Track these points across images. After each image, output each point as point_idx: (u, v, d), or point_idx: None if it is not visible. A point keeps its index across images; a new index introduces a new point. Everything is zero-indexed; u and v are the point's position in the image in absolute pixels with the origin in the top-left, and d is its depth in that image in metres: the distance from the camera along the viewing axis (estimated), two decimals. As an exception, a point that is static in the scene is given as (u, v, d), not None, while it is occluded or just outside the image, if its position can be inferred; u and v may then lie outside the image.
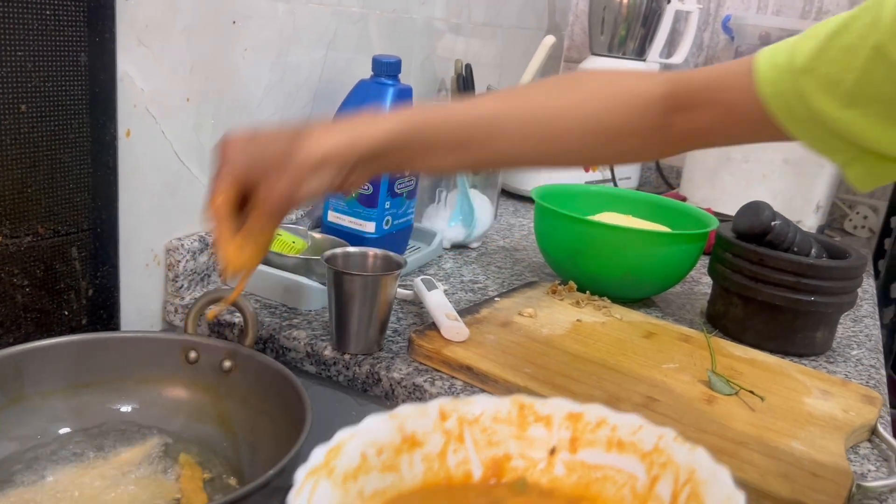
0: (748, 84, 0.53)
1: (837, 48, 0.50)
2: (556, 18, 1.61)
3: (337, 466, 0.38)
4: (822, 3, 1.45)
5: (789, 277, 0.82)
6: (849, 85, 0.49)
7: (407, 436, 0.42)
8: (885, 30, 0.47)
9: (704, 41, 1.55)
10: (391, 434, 0.41)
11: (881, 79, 0.47)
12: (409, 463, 0.42)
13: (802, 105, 0.51)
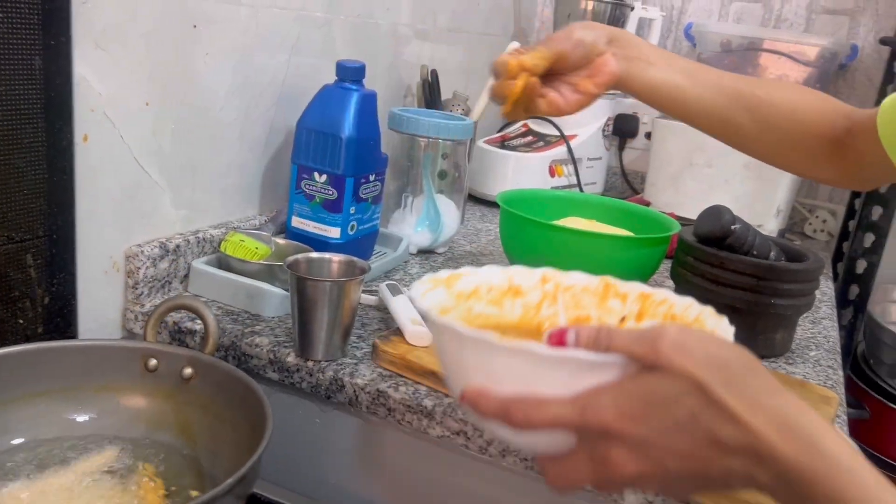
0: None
1: None
2: (521, 24, 1.62)
3: (455, 285, 0.54)
4: (782, 12, 1.48)
5: (749, 280, 0.84)
6: None
7: (514, 286, 0.56)
8: None
9: (668, 47, 1.58)
10: (502, 281, 0.56)
11: None
12: (511, 305, 0.56)
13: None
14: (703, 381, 0.39)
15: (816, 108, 0.72)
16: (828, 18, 1.45)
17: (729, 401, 0.39)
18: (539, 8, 1.67)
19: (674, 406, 0.40)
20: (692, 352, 0.40)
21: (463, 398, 0.45)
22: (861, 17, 1.43)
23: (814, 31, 1.46)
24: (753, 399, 0.39)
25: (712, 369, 0.40)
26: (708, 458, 0.40)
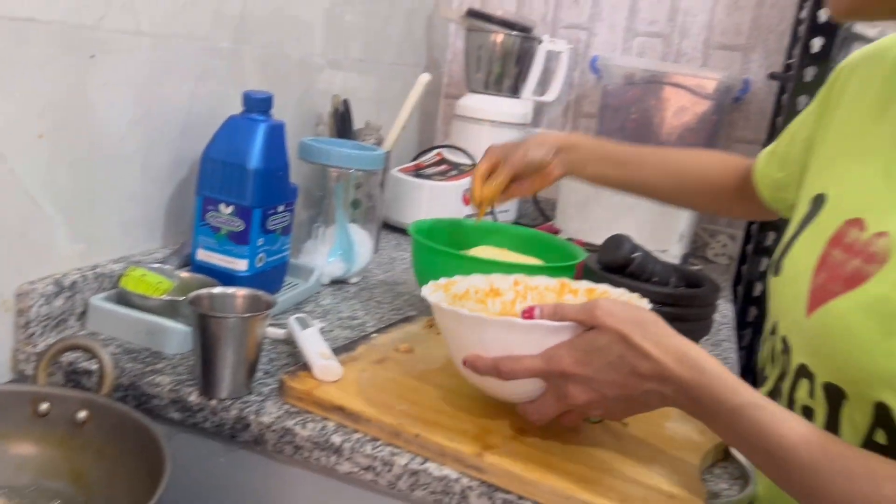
0: None
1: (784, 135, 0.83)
2: (434, 55, 1.65)
3: (451, 289, 0.76)
4: (681, 47, 1.56)
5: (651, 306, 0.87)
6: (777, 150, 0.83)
7: (494, 288, 0.78)
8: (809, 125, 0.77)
9: (575, 80, 1.63)
10: (484, 285, 0.78)
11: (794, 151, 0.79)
12: (492, 302, 0.77)
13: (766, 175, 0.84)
14: (625, 333, 0.59)
15: (721, 167, 0.92)
16: (723, 54, 1.54)
17: (643, 344, 0.58)
18: (451, 39, 1.70)
19: (607, 351, 0.60)
20: (617, 314, 0.60)
21: (465, 363, 0.66)
22: (752, 54, 1.52)
23: (710, 66, 1.54)
24: (659, 342, 0.58)
25: (631, 324, 0.59)
26: (633, 385, 0.59)
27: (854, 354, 0.55)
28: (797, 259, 0.65)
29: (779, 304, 0.67)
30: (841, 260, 0.59)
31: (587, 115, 1.64)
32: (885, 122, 0.63)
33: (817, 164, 0.71)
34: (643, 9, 1.56)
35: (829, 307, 0.57)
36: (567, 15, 1.61)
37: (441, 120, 1.74)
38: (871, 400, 0.54)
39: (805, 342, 0.61)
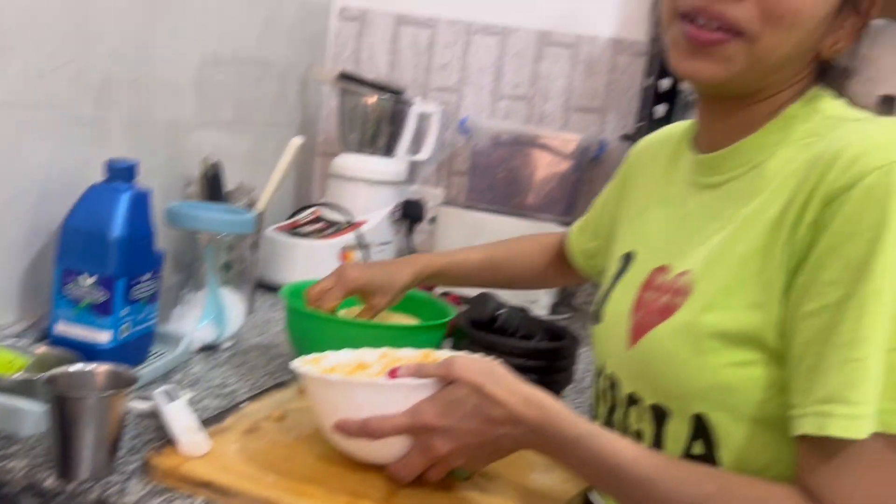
0: None
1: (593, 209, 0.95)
2: (309, 115, 1.67)
3: (320, 363, 0.77)
4: (544, 110, 1.66)
5: (516, 361, 0.90)
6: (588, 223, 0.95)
7: (362, 362, 0.78)
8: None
9: (447, 139, 1.70)
10: (352, 359, 0.79)
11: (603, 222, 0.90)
12: (360, 374, 0.76)
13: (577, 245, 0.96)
14: (479, 383, 0.65)
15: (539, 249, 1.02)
16: (581, 116, 1.65)
17: (495, 392, 0.64)
18: (325, 99, 1.73)
19: (465, 402, 0.65)
20: (472, 368, 0.66)
21: (335, 427, 0.69)
22: (608, 116, 1.64)
23: (570, 128, 1.65)
24: (508, 389, 0.64)
25: (484, 375, 0.65)
26: (489, 431, 0.64)
27: (673, 373, 0.63)
28: (615, 306, 0.73)
29: (603, 347, 0.75)
30: (653, 298, 0.68)
31: (459, 172, 1.70)
32: (673, 184, 0.75)
33: (623, 228, 0.82)
34: (507, 73, 1.66)
35: (648, 337, 0.66)
36: (437, 78, 1.68)
37: (317, 178, 1.76)
38: (689, 413, 0.62)
39: (630, 372, 0.69)
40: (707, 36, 0.60)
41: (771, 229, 0.59)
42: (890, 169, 0.53)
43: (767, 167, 0.63)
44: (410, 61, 1.69)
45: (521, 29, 1.64)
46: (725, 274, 0.61)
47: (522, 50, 1.64)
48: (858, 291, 0.53)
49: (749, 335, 0.59)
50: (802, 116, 0.64)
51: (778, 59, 0.61)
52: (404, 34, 1.68)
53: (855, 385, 0.52)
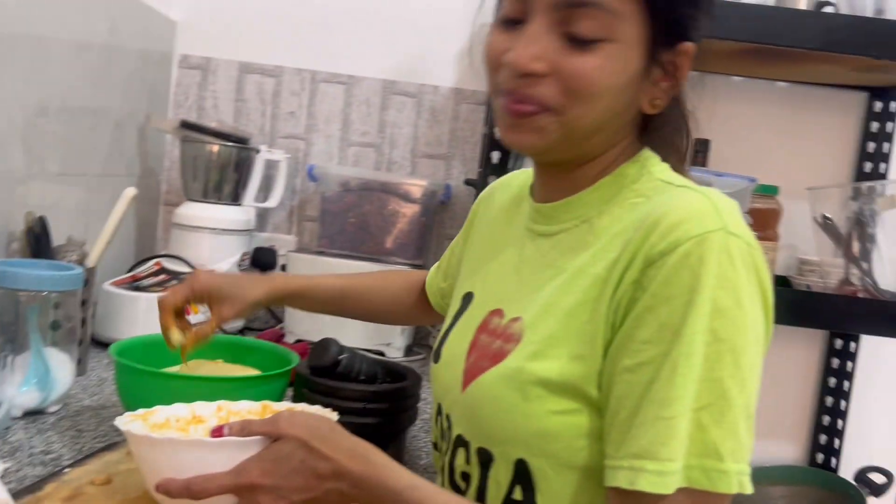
0: None
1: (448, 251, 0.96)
2: (149, 164, 1.63)
3: (150, 418, 0.75)
4: (391, 156, 1.70)
5: (358, 405, 0.92)
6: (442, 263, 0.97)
7: (196, 415, 0.77)
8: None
9: (297, 186, 1.70)
10: (186, 413, 0.77)
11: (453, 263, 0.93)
12: (194, 430, 0.75)
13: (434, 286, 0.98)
14: (304, 439, 0.64)
15: (406, 286, 1.02)
16: (428, 162, 1.71)
17: (321, 447, 0.64)
18: (168, 148, 1.69)
19: (291, 458, 0.64)
20: (298, 423, 0.66)
21: (157, 488, 0.66)
22: (453, 161, 1.70)
23: (418, 173, 1.70)
24: (334, 444, 0.65)
25: (309, 430, 0.65)
26: (315, 486, 0.64)
27: (499, 418, 0.66)
28: (453, 346, 0.76)
29: (441, 387, 0.77)
30: (487, 342, 0.71)
31: (310, 219, 1.71)
32: (512, 228, 0.79)
33: (465, 269, 0.85)
34: (355, 121, 1.69)
35: (478, 381, 0.69)
36: (284, 126, 1.69)
37: (161, 228, 1.70)
38: (512, 459, 0.65)
39: (461, 414, 0.71)
40: (521, 108, 0.65)
41: (597, 284, 0.63)
42: (703, 239, 0.57)
43: (597, 223, 0.67)
44: (257, 109, 1.69)
45: (367, 78, 1.68)
46: (553, 325, 0.64)
47: (369, 98, 1.69)
48: (672, 353, 0.56)
49: (572, 385, 0.62)
50: (633, 176, 0.68)
51: (588, 126, 0.65)
52: (249, 82, 1.68)
53: (664, 443, 0.56)
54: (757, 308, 0.59)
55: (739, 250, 0.58)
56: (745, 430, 0.57)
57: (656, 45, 0.65)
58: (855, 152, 1.68)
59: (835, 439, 1.70)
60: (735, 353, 0.57)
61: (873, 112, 1.66)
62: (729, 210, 0.61)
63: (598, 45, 0.62)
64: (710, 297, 0.56)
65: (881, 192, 1.47)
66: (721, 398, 0.56)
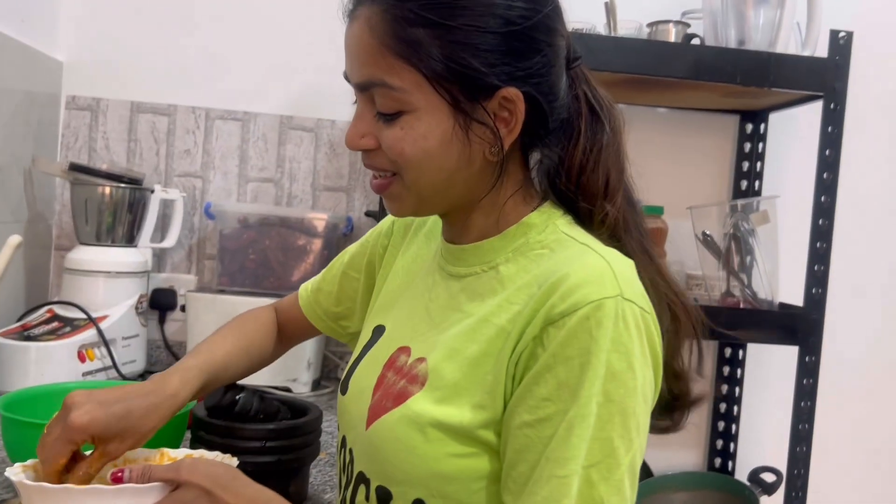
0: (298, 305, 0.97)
1: (329, 275, 0.95)
2: (38, 209, 1.57)
3: (41, 469, 0.71)
4: (292, 190, 1.71)
5: (256, 444, 0.92)
6: (330, 288, 0.94)
7: None
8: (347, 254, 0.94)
9: (195, 224, 1.68)
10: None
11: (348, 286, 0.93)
12: None
13: (318, 309, 0.95)
14: (206, 487, 0.64)
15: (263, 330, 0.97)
16: (329, 195, 1.72)
17: (222, 496, 0.64)
18: (58, 191, 1.64)
19: None
20: (200, 470, 0.66)
21: None
22: (354, 193, 1.72)
23: (319, 207, 1.71)
24: (235, 492, 0.65)
25: (211, 478, 0.65)
26: None
27: (399, 458, 0.67)
28: (360, 380, 0.77)
29: (346, 421, 0.78)
30: (393, 381, 0.72)
31: (209, 256, 1.69)
32: (425, 263, 0.81)
33: (381, 301, 0.85)
34: (252, 157, 1.69)
35: (382, 421, 0.69)
36: (180, 164, 1.67)
37: (53, 273, 1.65)
38: (410, 498, 0.67)
39: (363, 452, 0.72)
40: (376, 184, 0.72)
41: (501, 336, 0.65)
42: (600, 304, 0.60)
43: (504, 270, 0.70)
44: (150, 148, 1.66)
45: (263, 114, 1.69)
46: (456, 372, 0.66)
47: (265, 134, 1.69)
48: (569, 412, 0.60)
49: (472, 432, 0.65)
50: (538, 227, 0.70)
51: (429, 186, 0.69)
52: (141, 121, 1.66)
53: (558, 500, 0.59)
54: (647, 370, 0.63)
55: (633, 316, 0.62)
56: (630, 486, 0.61)
57: (461, 103, 0.65)
58: (731, 171, 1.80)
59: (730, 443, 1.79)
60: (624, 415, 0.60)
61: (745, 133, 1.78)
62: (626, 275, 0.64)
63: (400, 117, 0.66)
64: (605, 360, 0.60)
65: (755, 209, 1.58)
66: (609, 457, 0.60)
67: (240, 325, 0.96)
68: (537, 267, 0.67)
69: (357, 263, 0.92)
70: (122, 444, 0.73)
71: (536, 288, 0.64)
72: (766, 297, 1.54)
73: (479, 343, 0.66)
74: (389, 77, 0.65)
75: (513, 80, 0.66)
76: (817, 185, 1.48)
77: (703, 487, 1.73)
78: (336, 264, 0.95)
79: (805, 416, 1.47)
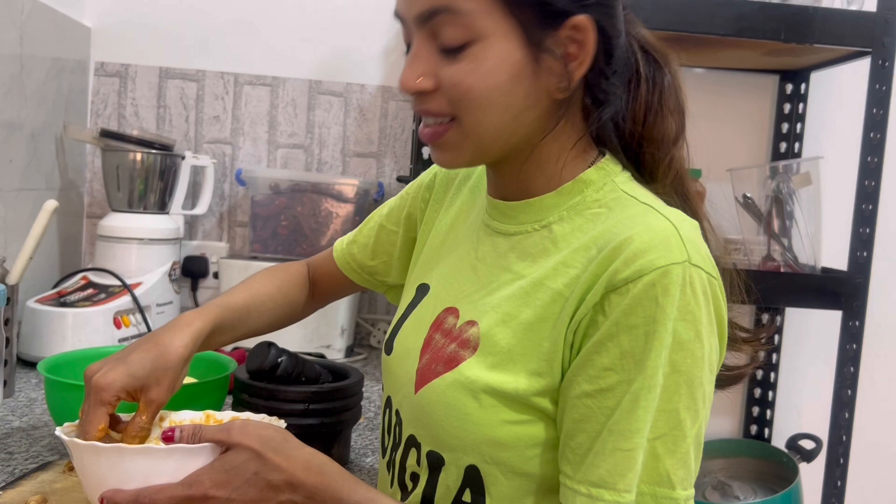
0: (332, 259, 0.93)
1: (366, 228, 0.91)
2: (70, 176, 1.57)
3: None
4: (321, 156, 1.69)
5: (299, 406, 0.91)
6: (366, 241, 0.90)
7: None
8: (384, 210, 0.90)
9: (226, 191, 1.67)
10: None
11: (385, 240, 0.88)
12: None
13: (353, 262, 0.91)
14: (258, 450, 0.63)
15: (293, 280, 0.93)
16: (359, 161, 1.70)
17: (275, 458, 0.63)
18: (89, 159, 1.64)
19: (244, 469, 0.63)
20: (250, 433, 0.64)
21: (102, 501, 0.63)
22: (384, 159, 1.70)
23: (349, 172, 1.69)
24: (287, 455, 0.63)
25: (262, 441, 0.63)
26: (269, 497, 0.62)
27: (452, 425, 0.65)
28: (405, 341, 0.74)
29: (392, 382, 0.76)
30: (442, 343, 0.69)
31: (240, 224, 1.68)
32: (470, 219, 0.77)
33: (424, 258, 0.82)
34: (282, 123, 1.67)
35: (432, 385, 0.67)
36: (209, 131, 1.66)
37: (86, 241, 1.65)
38: (463, 465, 0.65)
39: (413, 416, 0.70)
40: (429, 132, 0.66)
41: (558, 301, 0.62)
42: (668, 270, 0.57)
43: (557, 230, 0.66)
44: (180, 115, 1.65)
45: (292, 79, 1.66)
46: (511, 338, 0.63)
47: (295, 99, 1.67)
48: (634, 383, 0.57)
49: (527, 399, 0.62)
50: (596, 184, 0.66)
51: (491, 129, 0.64)
52: (170, 87, 1.64)
53: (622, 474, 0.57)
54: (714, 338, 0.60)
55: (701, 283, 0.58)
56: (695, 458, 0.59)
57: (532, 31, 0.62)
58: (770, 133, 1.76)
59: (767, 410, 1.77)
60: (691, 385, 0.58)
61: (785, 94, 1.73)
62: (692, 238, 0.60)
63: (467, 50, 0.61)
64: (672, 329, 0.57)
65: (796, 171, 1.54)
66: (676, 428, 0.58)
67: (268, 274, 0.93)
68: (594, 228, 0.64)
69: (395, 217, 0.88)
70: (159, 387, 0.72)
71: (596, 251, 0.61)
72: (808, 262, 1.50)
73: (533, 308, 0.63)
74: (457, 0, 0.61)
75: (584, 8, 0.62)
76: (864, 145, 1.43)
77: (739, 454, 1.71)
78: (373, 218, 0.91)
79: (848, 382, 1.44)
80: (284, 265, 0.96)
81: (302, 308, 0.94)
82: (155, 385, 0.71)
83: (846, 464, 1.46)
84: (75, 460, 0.68)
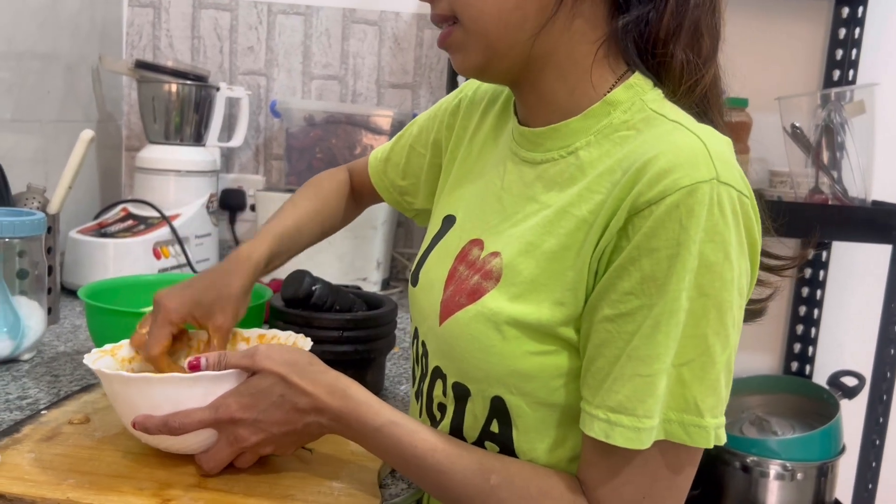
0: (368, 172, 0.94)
1: (398, 145, 0.90)
2: (107, 108, 1.58)
3: (117, 353, 0.76)
4: (356, 87, 1.66)
5: (334, 333, 0.92)
6: (398, 160, 0.90)
7: None
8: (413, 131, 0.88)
9: (261, 123, 1.66)
10: None
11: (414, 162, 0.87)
12: (167, 363, 0.76)
13: (386, 180, 0.91)
14: (283, 374, 0.65)
15: (336, 188, 0.97)
16: (394, 92, 1.67)
17: (300, 382, 0.64)
18: (125, 91, 1.64)
19: (269, 392, 0.65)
20: (276, 357, 0.66)
21: (135, 425, 0.66)
22: (420, 90, 1.67)
23: (384, 104, 1.66)
24: (313, 378, 0.65)
25: (288, 366, 0.65)
26: (295, 420, 0.65)
27: (476, 357, 0.64)
28: (430, 272, 0.73)
29: (418, 313, 0.75)
30: (466, 275, 0.68)
31: (276, 157, 1.68)
32: (496, 147, 0.75)
33: (449, 186, 0.80)
34: (316, 53, 1.65)
35: (456, 318, 0.66)
36: (243, 62, 1.64)
37: (125, 174, 1.67)
38: (488, 396, 0.64)
39: (438, 348, 0.70)
40: (440, 38, 0.66)
41: (582, 229, 0.60)
42: (693, 189, 0.54)
43: (584, 156, 0.63)
44: (214, 45, 1.63)
45: (325, 7, 1.63)
46: (534, 267, 0.62)
47: (328, 28, 1.64)
48: (655, 308, 0.55)
49: (551, 329, 0.60)
50: (625, 104, 0.62)
51: (494, 20, 0.61)
52: (204, 18, 1.62)
53: (642, 400, 0.55)
54: (744, 260, 0.57)
55: (731, 201, 0.55)
56: (725, 385, 0.57)
57: None
58: (822, 60, 1.68)
59: (808, 347, 1.74)
60: (720, 310, 0.55)
61: (840, 18, 1.64)
62: (722, 154, 0.56)
63: None
64: (698, 251, 0.54)
65: (849, 99, 1.47)
66: (704, 354, 0.55)
67: (315, 186, 0.96)
68: (621, 150, 0.60)
69: (424, 139, 0.86)
70: (224, 314, 0.78)
71: (621, 174, 0.58)
72: (858, 194, 1.45)
73: (557, 236, 0.61)
74: None
75: None
76: (923, 70, 1.35)
77: (778, 391, 1.70)
78: (405, 135, 0.89)
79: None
80: (327, 173, 0.99)
81: (344, 216, 0.98)
82: (220, 313, 0.78)
83: (889, 400, 1.44)
84: (106, 388, 0.70)
